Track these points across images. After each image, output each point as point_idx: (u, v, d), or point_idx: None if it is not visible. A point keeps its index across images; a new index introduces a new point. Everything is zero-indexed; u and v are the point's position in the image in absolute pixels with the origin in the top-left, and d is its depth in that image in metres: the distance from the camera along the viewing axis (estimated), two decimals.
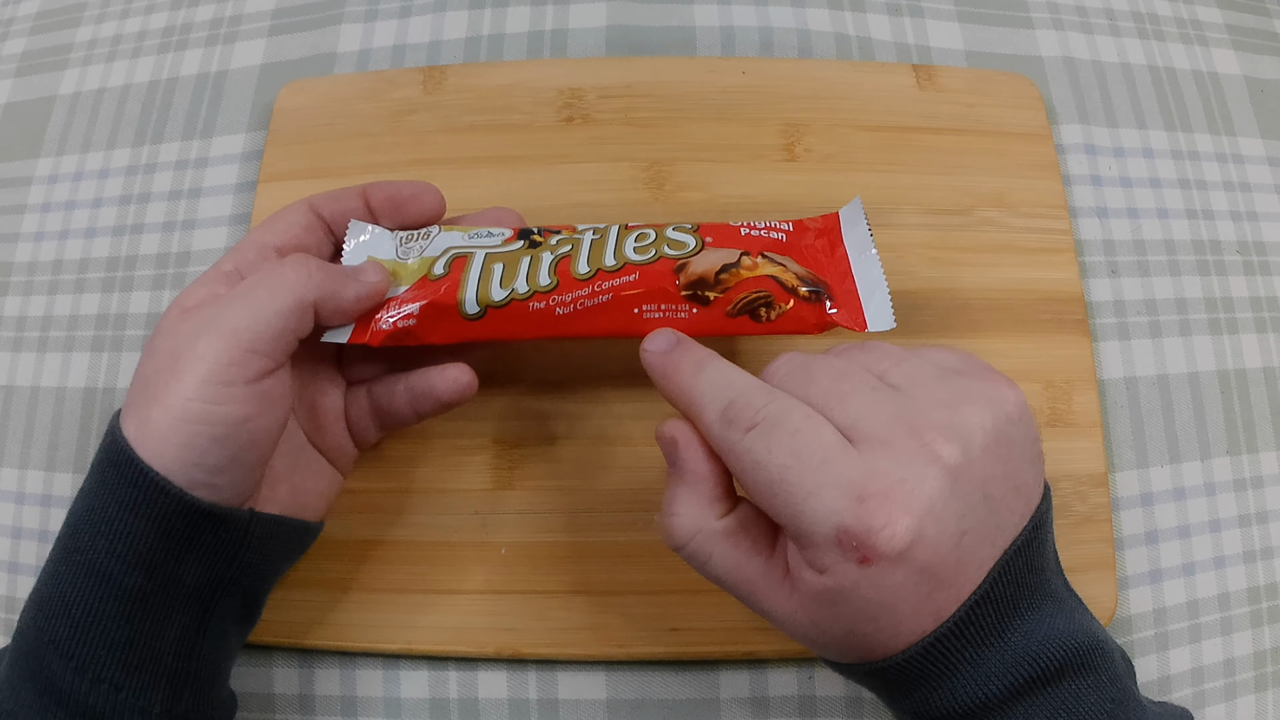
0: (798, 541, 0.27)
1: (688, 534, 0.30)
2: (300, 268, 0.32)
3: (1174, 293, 0.46)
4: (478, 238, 0.36)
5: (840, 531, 0.26)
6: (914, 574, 0.26)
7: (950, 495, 0.26)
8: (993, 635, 0.27)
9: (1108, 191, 0.47)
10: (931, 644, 0.27)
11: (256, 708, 0.39)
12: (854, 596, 0.27)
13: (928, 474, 0.26)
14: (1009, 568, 0.27)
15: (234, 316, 0.30)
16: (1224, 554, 0.42)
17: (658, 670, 0.39)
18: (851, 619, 0.27)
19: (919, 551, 0.26)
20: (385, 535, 0.40)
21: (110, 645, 0.29)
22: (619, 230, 0.36)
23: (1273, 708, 0.40)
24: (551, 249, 0.35)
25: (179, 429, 0.29)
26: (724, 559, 0.30)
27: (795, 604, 0.28)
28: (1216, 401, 0.44)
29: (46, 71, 0.51)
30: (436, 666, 0.39)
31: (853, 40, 0.50)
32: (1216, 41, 0.51)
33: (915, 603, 0.27)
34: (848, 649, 0.28)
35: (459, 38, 0.50)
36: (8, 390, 0.45)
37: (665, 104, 0.47)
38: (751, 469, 0.28)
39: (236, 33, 0.51)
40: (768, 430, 0.28)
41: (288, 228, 0.34)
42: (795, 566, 0.28)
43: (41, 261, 0.47)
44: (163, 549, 0.29)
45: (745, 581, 0.29)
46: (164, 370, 0.30)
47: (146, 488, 0.29)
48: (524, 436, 0.41)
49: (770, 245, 0.36)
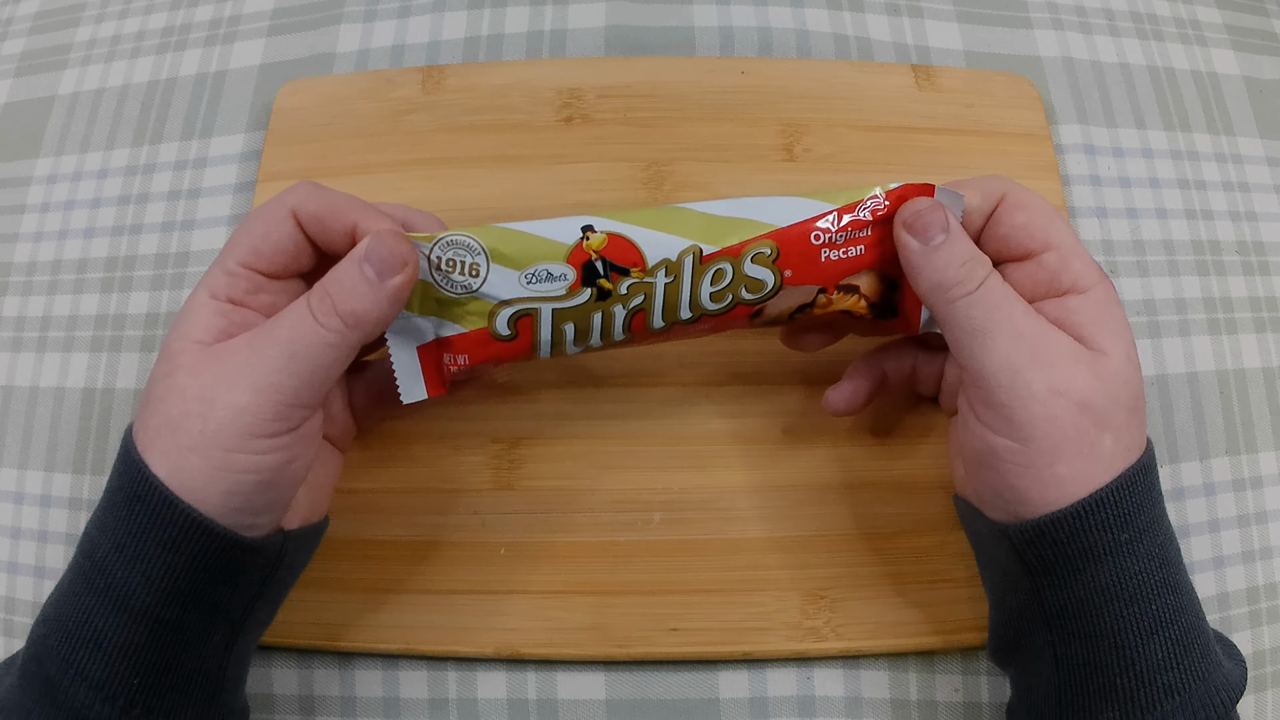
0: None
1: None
2: (331, 317, 0.30)
3: (1173, 293, 0.46)
4: (536, 282, 0.32)
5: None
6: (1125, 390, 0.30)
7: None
8: (1148, 525, 0.30)
9: (1107, 192, 0.47)
10: (1111, 492, 0.29)
11: (256, 708, 0.39)
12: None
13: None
14: (1151, 466, 0.31)
15: (274, 370, 0.29)
16: (1223, 554, 0.42)
17: (657, 670, 0.39)
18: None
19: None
20: (385, 535, 0.40)
21: (144, 673, 0.29)
22: (693, 266, 0.33)
23: (1272, 708, 0.40)
24: (623, 301, 0.33)
25: (222, 477, 0.29)
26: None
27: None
28: (1215, 402, 0.44)
29: (45, 71, 0.51)
30: (435, 667, 0.39)
31: (852, 40, 0.50)
32: (1216, 42, 0.52)
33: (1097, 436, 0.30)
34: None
35: (458, 38, 0.50)
36: (7, 390, 0.45)
37: (664, 104, 0.47)
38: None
39: (235, 33, 0.51)
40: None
41: (274, 255, 0.32)
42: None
43: (40, 262, 0.47)
44: (202, 581, 0.29)
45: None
46: (196, 415, 0.29)
47: (187, 527, 0.28)
48: (524, 436, 0.41)
49: (849, 268, 0.34)
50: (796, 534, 0.40)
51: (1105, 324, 0.31)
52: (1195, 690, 0.29)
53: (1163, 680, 0.29)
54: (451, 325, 0.33)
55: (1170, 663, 0.29)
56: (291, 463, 0.30)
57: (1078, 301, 0.31)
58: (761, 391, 0.42)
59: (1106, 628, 0.30)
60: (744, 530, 0.40)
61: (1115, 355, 0.30)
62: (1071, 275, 0.32)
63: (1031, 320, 0.31)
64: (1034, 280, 0.32)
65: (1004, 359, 0.30)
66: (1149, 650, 0.29)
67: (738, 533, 0.40)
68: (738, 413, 0.42)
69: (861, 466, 0.41)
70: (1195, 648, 0.30)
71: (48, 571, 0.42)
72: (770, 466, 0.41)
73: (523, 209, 0.45)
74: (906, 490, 0.40)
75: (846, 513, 0.40)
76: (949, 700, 0.39)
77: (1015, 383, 0.30)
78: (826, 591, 0.39)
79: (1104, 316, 0.31)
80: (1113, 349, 0.31)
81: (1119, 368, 0.30)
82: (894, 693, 0.39)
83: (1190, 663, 0.30)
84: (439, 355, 0.33)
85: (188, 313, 0.31)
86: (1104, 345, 0.31)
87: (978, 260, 0.32)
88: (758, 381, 0.42)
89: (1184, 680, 0.29)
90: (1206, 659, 0.30)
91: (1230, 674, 0.30)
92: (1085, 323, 0.31)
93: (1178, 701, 0.29)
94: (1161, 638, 0.29)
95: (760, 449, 0.41)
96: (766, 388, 0.42)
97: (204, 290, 0.31)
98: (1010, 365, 0.30)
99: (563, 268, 0.32)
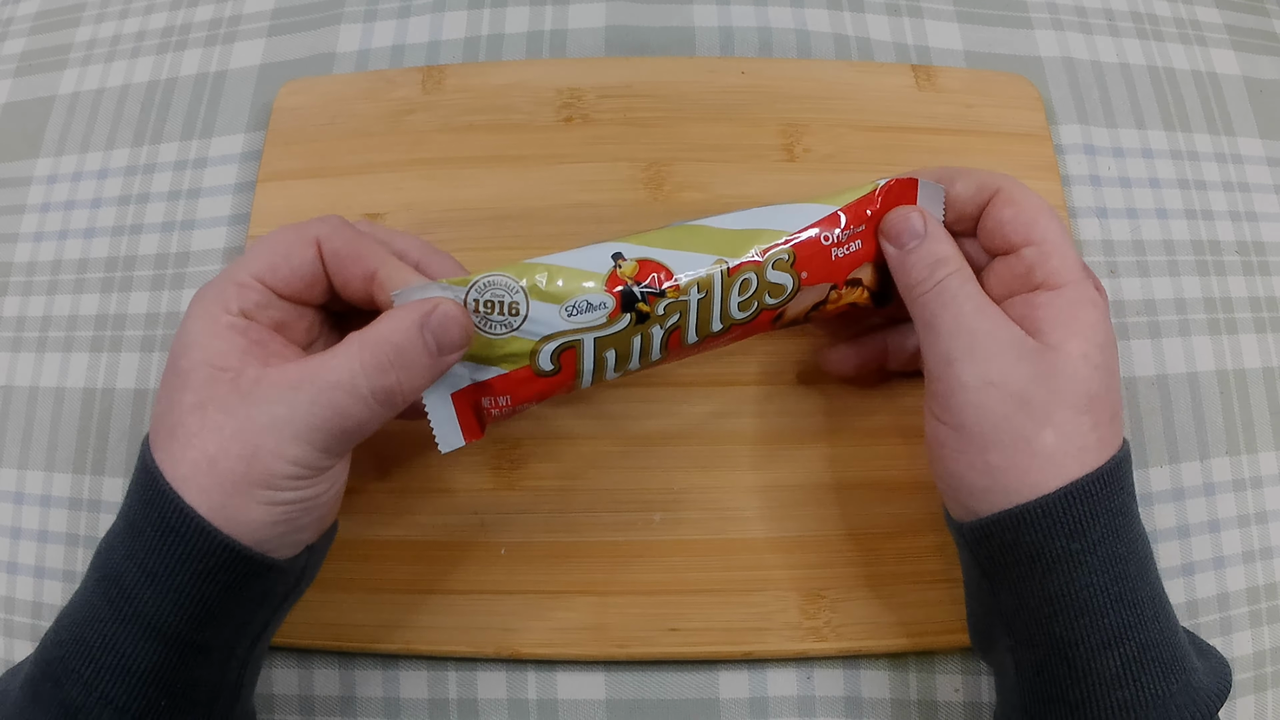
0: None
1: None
2: (385, 376, 0.29)
3: (1173, 293, 0.46)
4: (577, 314, 0.32)
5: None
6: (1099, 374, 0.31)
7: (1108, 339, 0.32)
8: (1122, 521, 0.30)
9: (1107, 192, 0.47)
10: (1084, 484, 0.29)
11: (256, 707, 0.39)
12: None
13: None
14: (1126, 462, 0.31)
15: (318, 424, 0.29)
16: (1223, 554, 0.42)
17: (657, 670, 0.39)
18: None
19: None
20: (385, 535, 0.40)
21: (171, 695, 0.29)
22: (722, 281, 0.33)
23: (1272, 708, 0.40)
24: (660, 322, 0.33)
25: (267, 511, 0.29)
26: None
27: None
28: (1215, 402, 0.44)
29: (45, 71, 0.51)
30: (436, 667, 0.39)
31: (852, 41, 0.50)
32: (1216, 42, 0.52)
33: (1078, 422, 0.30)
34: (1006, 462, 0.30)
35: (458, 38, 0.50)
36: (7, 390, 0.45)
37: (664, 104, 0.47)
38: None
39: (236, 33, 0.51)
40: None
41: (292, 279, 0.31)
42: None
43: (40, 262, 0.47)
44: (233, 602, 0.30)
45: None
46: (238, 458, 0.28)
47: (227, 558, 0.28)
48: (524, 436, 0.41)
49: (854, 262, 0.35)
50: (797, 534, 0.40)
51: (1066, 322, 0.31)
52: (1154, 709, 0.29)
53: (1117, 696, 0.29)
54: (489, 369, 0.32)
55: (1124, 679, 0.29)
56: (333, 488, 0.31)
57: (1045, 297, 0.32)
58: (761, 392, 0.42)
59: (1056, 638, 0.29)
60: (744, 530, 0.40)
61: (1068, 352, 0.30)
62: (1046, 271, 0.32)
63: (978, 316, 0.31)
64: (1012, 274, 0.33)
65: (943, 351, 0.31)
66: (1101, 664, 0.29)
67: (738, 533, 0.40)
68: (738, 413, 0.42)
69: (861, 467, 0.41)
70: (1155, 665, 0.29)
71: (47, 572, 0.42)
72: (770, 467, 0.41)
73: (523, 209, 0.45)
74: (906, 490, 0.40)
75: (847, 513, 0.40)
76: (949, 700, 0.39)
77: (948, 374, 0.31)
78: (826, 591, 0.39)
79: (1067, 314, 0.31)
80: (1067, 346, 0.30)
81: (1067, 365, 0.30)
82: (894, 693, 0.39)
83: (1147, 681, 0.29)
84: (476, 399, 0.33)
85: (199, 328, 0.30)
86: (1057, 342, 0.31)
87: (943, 261, 0.33)
88: (758, 382, 0.42)
89: (1140, 697, 0.29)
90: (1170, 676, 0.29)
91: (1200, 691, 0.29)
92: (1046, 318, 0.31)
93: (1133, 718, 0.29)
94: (1114, 653, 0.29)
95: (760, 449, 0.41)
96: (766, 388, 0.42)
97: (214, 302, 0.31)
98: (947, 357, 0.31)
99: (602, 296, 0.32)
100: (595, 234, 0.43)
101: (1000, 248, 0.34)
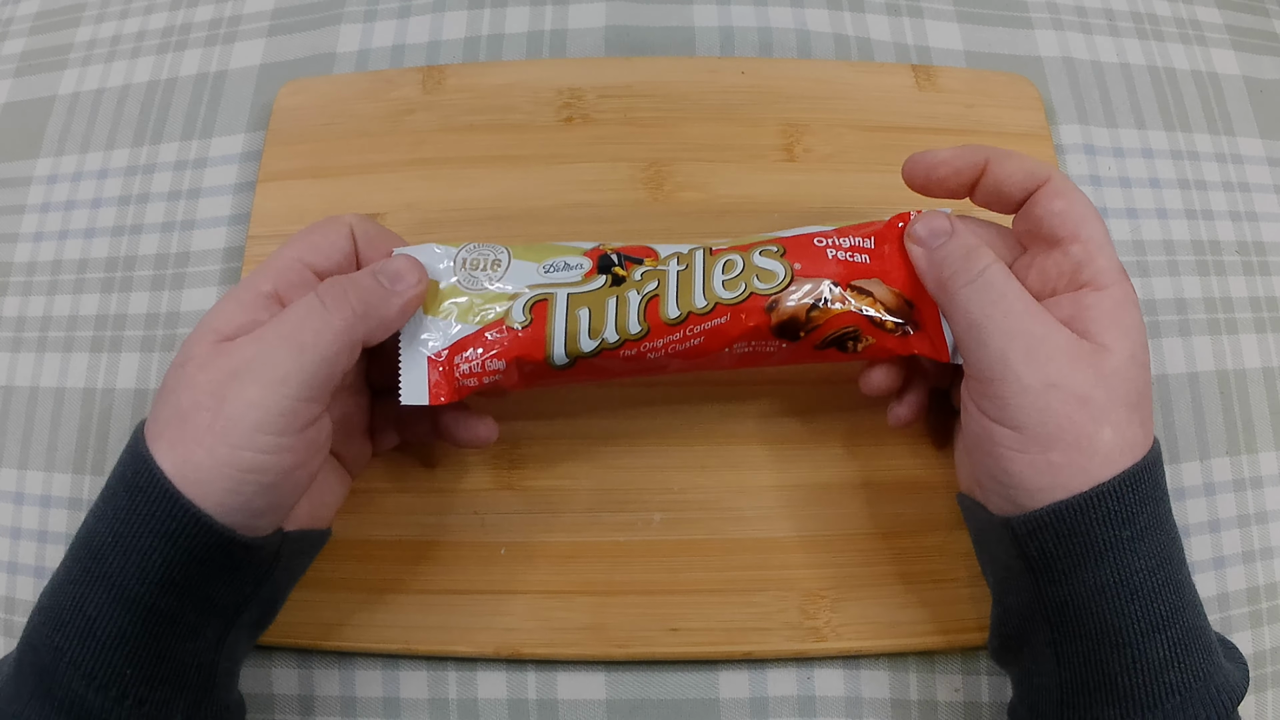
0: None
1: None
2: (342, 305, 0.31)
3: (1173, 293, 0.46)
4: (554, 271, 0.35)
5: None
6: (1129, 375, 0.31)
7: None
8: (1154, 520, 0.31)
9: (1107, 192, 0.47)
10: (1121, 482, 0.30)
11: (256, 708, 0.39)
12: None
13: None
14: (1156, 465, 0.31)
15: (282, 363, 0.29)
16: (1223, 554, 0.42)
17: (657, 670, 0.39)
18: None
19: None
20: (385, 535, 0.40)
21: (137, 663, 0.29)
22: (704, 258, 0.35)
23: (1272, 708, 0.40)
24: (637, 287, 0.34)
25: (226, 475, 0.29)
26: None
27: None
28: (1215, 402, 0.44)
29: (46, 72, 0.51)
30: (436, 667, 0.39)
31: (852, 40, 0.50)
32: (1216, 42, 0.52)
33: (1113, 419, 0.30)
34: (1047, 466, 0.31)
35: (458, 38, 0.50)
36: (6, 390, 0.45)
37: (664, 104, 0.47)
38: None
39: (236, 33, 0.51)
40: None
41: (331, 252, 0.33)
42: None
43: (40, 262, 0.47)
44: (197, 574, 0.30)
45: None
46: (205, 409, 0.29)
47: (186, 522, 0.29)
48: (524, 436, 0.41)
49: (857, 270, 0.35)
50: (797, 534, 0.40)
51: (1115, 322, 0.31)
52: (1197, 690, 0.29)
53: (1165, 679, 0.29)
54: (467, 326, 0.34)
55: (1172, 661, 0.29)
56: (296, 469, 0.30)
57: (1093, 297, 0.32)
58: (761, 392, 0.42)
59: (1108, 625, 0.30)
60: (744, 530, 0.40)
61: (1118, 352, 0.31)
62: (1093, 270, 0.32)
63: (1029, 315, 0.31)
64: (1058, 270, 0.33)
65: (999, 353, 0.31)
66: (1151, 648, 0.29)
67: (738, 533, 0.40)
68: (738, 413, 0.42)
69: (862, 467, 0.41)
70: (1197, 647, 0.30)
71: (47, 572, 0.42)
72: (770, 467, 0.41)
73: (523, 209, 0.45)
74: (907, 490, 0.40)
75: (847, 513, 0.40)
76: (949, 700, 0.39)
77: (1008, 376, 0.31)
78: (826, 591, 0.39)
79: (1115, 314, 0.32)
80: (1117, 346, 0.31)
81: (1119, 365, 0.31)
82: (894, 693, 0.39)
83: (1192, 662, 0.30)
84: (451, 361, 0.33)
85: (220, 303, 0.32)
86: (1108, 341, 0.31)
87: (979, 252, 0.33)
88: (758, 382, 0.42)
89: (1185, 679, 0.29)
90: (1209, 659, 0.30)
91: (1231, 676, 0.30)
92: (1095, 318, 0.31)
93: (1179, 700, 0.29)
94: (1163, 636, 0.29)
95: (761, 449, 0.41)
96: (766, 388, 0.42)
97: (246, 283, 0.32)
98: (1004, 359, 0.31)
99: (579, 259, 0.35)
100: (595, 234, 0.43)
101: (1045, 238, 0.34)
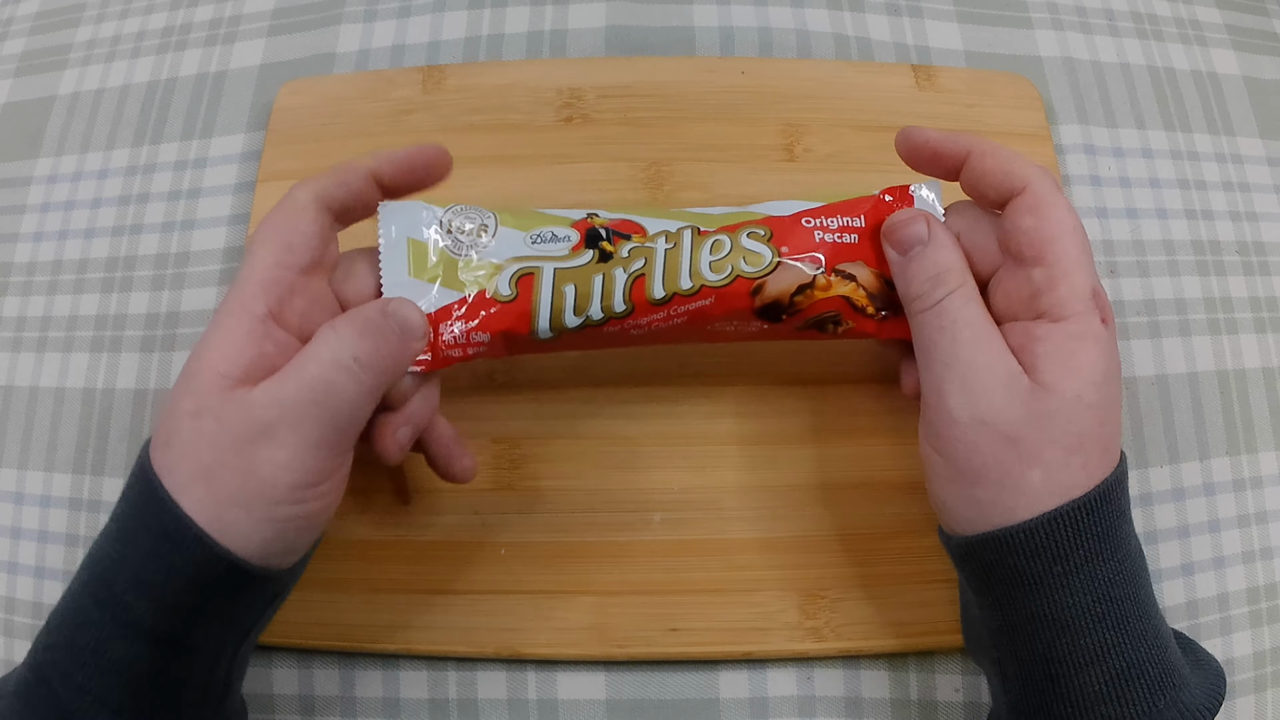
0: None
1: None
2: (375, 369, 0.30)
3: (1173, 293, 0.46)
4: (541, 242, 0.34)
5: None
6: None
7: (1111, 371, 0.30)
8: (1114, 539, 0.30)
9: (1107, 192, 0.47)
10: (1077, 507, 0.29)
11: (256, 708, 0.39)
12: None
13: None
14: (1118, 486, 0.30)
15: (313, 430, 0.29)
16: (1223, 554, 0.42)
17: (657, 670, 0.39)
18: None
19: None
20: (385, 535, 0.40)
21: (164, 693, 0.29)
22: (692, 239, 0.34)
23: (1272, 708, 0.40)
24: (624, 264, 0.34)
25: (266, 525, 0.29)
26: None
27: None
28: (1216, 402, 0.44)
29: (46, 72, 0.51)
30: (436, 667, 0.39)
31: (852, 40, 0.50)
32: (1216, 42, 0.52)
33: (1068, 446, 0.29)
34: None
35: (458, 38, 0.50)
36: (7, 390, 0.45)
37: (664, 104, 0.47)
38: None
39: (236, 33, 0.51)
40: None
41: (306, 247, 0.32)
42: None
43: (40, 262, 0.47)
44: (226, 607, 0.30)
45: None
46: (234, 469, 0.28)
47: (224, 570, 0.28)
48: (524, 436, 0.41)
49: (844, 253, 0.35)
50: (796, 534, 0.40)
51: (1063, 360, 0.30)
52: None
53: (1102, 712, 0.29)
54: (451, 293, 0.34)
55: (1109, 696, 0.29)
56: (334, 505, 0.31)
57: (1045, 330, 0.30)
58: (761, 392, 0.42)
59: (1039, 654, 0.29)
60: (744, 530, 0.40)
61: (1061, 392, 0.29)
62: (1052, 299, 0.30)
63: (974, 346, 0.30)
64: (1019, 293, 0.32)
65: (936, 382, 0.31)
66: (1085, 681, 0.29)
67: (738, 533, 0.40)
68: (737, 413, 0.42)
69: (862, 467, 0.41)
70: (1141, 682, 0.29)
71: (47, 572, 0.42)
72: (770, 467, 0.41)
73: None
74: (906, 490, 0.40)
75: (847, 513, 0.40)
76: (949, 700, 0.39)
77: (940, 406, 0.30)
78: (826, 591, 0.39)
79: (1066, 350, 0.30)
80: (1061, 386, 0.29)
81: (1060, 406, 0.29)
82: (894, 693, 0.39)
83: (1135, 697, 0.28)
84: (435, 328, 0.34)
85: (218, 335, 0.30)
86: (1051, 380, 0.29)
87: (945, 275, 0.32)
88: (757, 382, 0.42)
89: (1126, 713, 0.28)
90: (1158, 693, 0.29)
91: (1190, 707, 0.29)
92: (1042, 354, 0.30)
93: None
94: (1098, 670, 0.29)
95: (760, 449, 0.41)
96: (766, 388, 0.42)
97: (238, 307, 0.30)
98: (940, 389, 0.30)
99: (567, 231, 0.35)
100: None
101: (1013, 254, 0.32)
